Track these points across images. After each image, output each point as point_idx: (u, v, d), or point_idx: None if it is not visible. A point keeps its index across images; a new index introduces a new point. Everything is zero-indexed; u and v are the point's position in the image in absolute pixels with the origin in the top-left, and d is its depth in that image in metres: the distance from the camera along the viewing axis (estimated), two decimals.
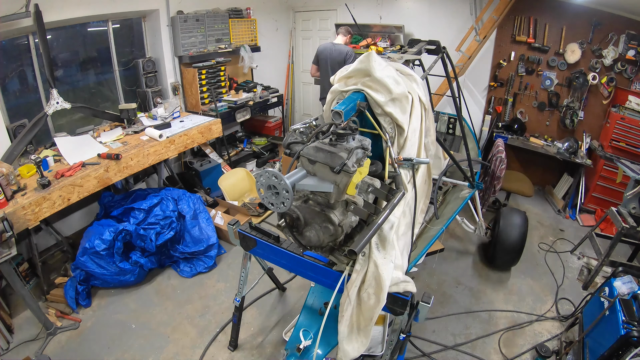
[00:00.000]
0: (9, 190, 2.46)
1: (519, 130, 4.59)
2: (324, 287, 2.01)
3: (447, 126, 4.32)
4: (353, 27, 5.12)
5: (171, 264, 3.33)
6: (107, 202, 3.29)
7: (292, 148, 1.74)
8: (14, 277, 2.35)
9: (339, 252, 1.70)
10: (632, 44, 3.82)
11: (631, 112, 3.81)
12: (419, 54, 2.39)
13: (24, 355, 2.43)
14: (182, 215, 3.30)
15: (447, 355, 2.54)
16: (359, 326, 1.63)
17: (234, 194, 4.20)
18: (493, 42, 4.48)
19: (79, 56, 3.64)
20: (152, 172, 4.20)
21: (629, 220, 2.44)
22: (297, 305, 2.92)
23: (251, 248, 2.07)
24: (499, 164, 3.29)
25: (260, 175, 1.25)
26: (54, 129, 3.47)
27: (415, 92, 1.77)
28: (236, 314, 2.42)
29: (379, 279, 1.54)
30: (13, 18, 2.76)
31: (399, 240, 1.71)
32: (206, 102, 4.41)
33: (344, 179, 1.40)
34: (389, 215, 1.43)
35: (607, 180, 4.01)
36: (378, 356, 2.30)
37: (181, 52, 4.13)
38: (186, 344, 2.60)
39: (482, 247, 3.64)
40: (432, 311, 2.82)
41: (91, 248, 2.80)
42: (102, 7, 3.45)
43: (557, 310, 2.92)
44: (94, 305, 2.93)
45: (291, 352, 1.91)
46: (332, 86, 1.78)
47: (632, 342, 1.76)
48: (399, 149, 1.72)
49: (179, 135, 3.49)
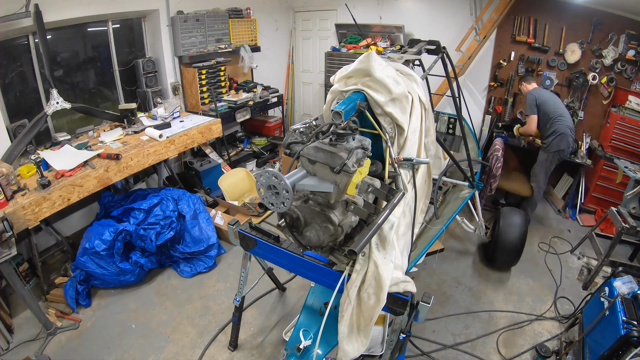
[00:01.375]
0: (9, 190, 2.46)
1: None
2: (324, 287, 2.01)
3: (447, 126, 4.32)
4: (353, 27, 5.13)
5: (171, 264, 3.33)
6: (107, 202, 3.29)
7: (292, 148, 1.74)
8: (14, 277, 2.35)
9: (339, 252, 1.70)
10: (632, 44, 3.82)
11: (631, 112, 3.81)
12: (419, 54, 2.38)
13: (24, 355, 2.43)
14: (182, 215, 3.30)
15: (447, 354, 2.54)
16: (359, 326, 1.63)
17: (234, 194, 4.20)
18: (493, 42, 4.48)
19: (79, 56, 3.64)
20: (152, 172, 4.20)
21: (629, 220, 2.45)
22: (297, 305, 2.92)
23: (251, 248, 2.07)
24: (494, 162, 3.29)
25: (260, 175, 1.25)
26: (54, 129, 3.47)
27: (415, 92, 1.77)
28: (236, 314, 2.42)
29: (379, 279, 1.54)
30: (13, 18, 2.76)
31: (399, 240, 1.71)
32: (206, 102, 4.41)
33: (344, 179, 1.40)
34: (389, 215, 1.43)
35: (607, 180, 4.01)
36: (378, 356, 2.30)
37: (181, 52, 4.13)
38: (186, 344, 2.60)
39: (482, 247, 3.64)
40: (432, 311, 2.82)
41: (91, 248, 2.80)
42: (102, 7, 3.45)
43: (556, 310, 2.93)
44: (94, 305, 2.93)
45: (291, 352, 1.91)
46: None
47: (632, 342, 1.76)
48: (399, 149, 1.72)
49: (179, 135, 3.50)
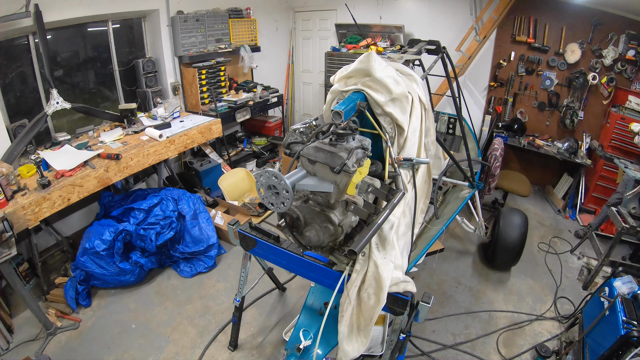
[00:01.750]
0: (9, 190, 2.46)
1: (519, 130, 4.58)
2: (324, 287, 2.01)
3: (447, 126, 4.32)
4: (353, 27, 5.13)
5: (171, 264, 3.33)
6: (107, 202, 3.29)
7: (292, 148, 1.74)
8: (14, 277, 2.35)
9: (339, 252, 1.70)
10: (632, 44, 3.82)
11: (631, 112, 3.81)
12: (419, 54, 2.38)
13: (24, 355, 2.43)
14: (182, 215, 3.30)
15: (447, 354, 2.54)
16: (359, 326, 1.63)
17: (234, 194, 4.20)
18: (493, 42, 4.48)
19: (79, 56, 3.64)
20: (152, 172, 4.20)
21: (629, 220, 2.45)
22: (297, 305, 2.92)
23: (251, 248, 2.07)
24: (493, 161, 3.29)
25: (260, 175, 1.25)
26: (54, 129, 3.47)
27: (415, 92, 1.77)
28: (236, 314, 2.42)
29: (379, 279, 1.54)
30: (13, 18, 2.76)
31: (399, 240, 1.71)
32: (206, 102, 4.41)
33: (344, 179, 1.40)
34: (389, 215, 1.43)
35: (607, 180, 4.00)
36: (378, 356, 2.30)
37: (181, 52, 4.13)
38: (186, 344, 2.60)
39: (482, 247, 3.64)
40: (432, 311, 2.82)
41: (91, 248, 2.80)
42: (102, 7, 3.45)
43: (556, 310, 2.92)
44: (94, 305, 2.93)
45: (291, 352, 1.91)
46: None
47: (632, 342, 1.76)
48: (399, 149, 1.72)
49: (179, 135, 3.50)
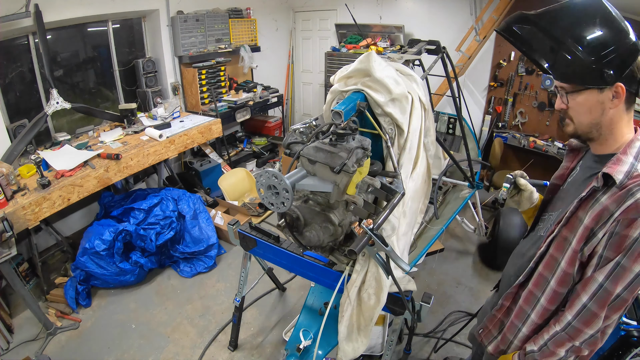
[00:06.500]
0: (9, 190, 2.46)
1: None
2: (324, 287, 2.01)
3: (447, 126, 4.31)
4: (353, 27, 5.13)
5: (171, 264, 3.33)
6: (107, 202, 3.29)
7: (292, 148, 1.73)
8: (14, 277, 2.35)
9: (339, 252, 1.70)
10: None
11: None
12: (419, 54, 2.38)
13: (24, 355, 2.43)
14: (182, 215, 3.30)
15: (446, 346, 2.52)
16: (359, 326, 1.63)
17: (234, 194, 4.20)
18: (493, 42, 4.47)
19: (79, 56, 3.64)
20: (152, 172, 4.20)
21: None
22: (297, 305, 2.92)
23: (251, 248, 2.07)
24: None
25: (260, 175, 1.25)
26: (54, 129, 3.47)
27: (415, 92, 1.77)
28: (236, 314, 2.42)
29: (379, 279, 1.54)
30: (13, 18, 2.76)
31: (400, 240, 1.70)
32: (206, 102, 4.41)
33: (344, 179, 1.40)
34: (389, 215, 1.43)
35: None
36: (378, 356, 2.30)
37: (181, 52, 4.13)
38: (186, 344, 2.60)
39: (482, 247, 3.63)
40: (432, 311, 2.82)
41: (91, 248, 2.80)
42: (102, 7, 3.45)
43: None
44: (94, 305, 2.93)
45: (291, 352, 1.91)
46: None
47: (632, 342, 1.76)
48: (399, 149, 1.71)
49: (179, 135, 3.50)
